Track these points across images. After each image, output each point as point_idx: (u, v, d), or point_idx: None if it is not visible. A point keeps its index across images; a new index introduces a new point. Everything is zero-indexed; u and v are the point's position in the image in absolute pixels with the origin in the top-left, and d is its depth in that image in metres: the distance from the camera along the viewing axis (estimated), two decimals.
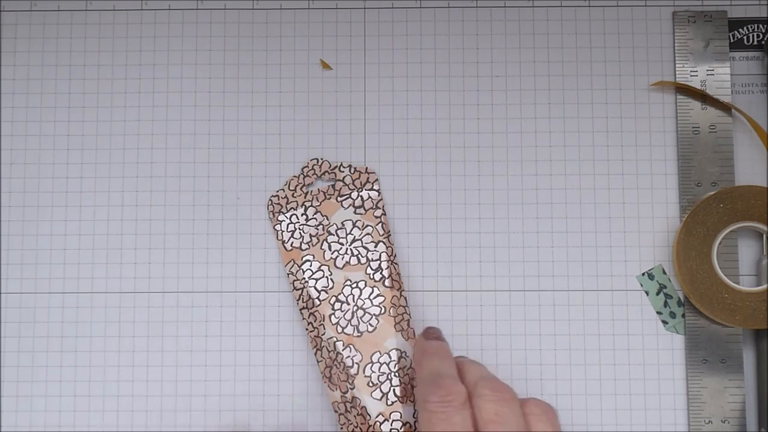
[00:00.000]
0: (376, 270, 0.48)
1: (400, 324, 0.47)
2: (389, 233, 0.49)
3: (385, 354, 0.46)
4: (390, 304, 0.47)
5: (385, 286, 0.48)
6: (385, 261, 0.48)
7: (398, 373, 0.46)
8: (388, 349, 0.46)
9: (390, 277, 0.48)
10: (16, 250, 0.50)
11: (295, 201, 0.50)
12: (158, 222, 0.51)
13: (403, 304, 0.48)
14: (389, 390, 0.46)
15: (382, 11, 0.52)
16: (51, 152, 0.51)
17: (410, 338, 0.47)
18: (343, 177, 0.50)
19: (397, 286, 0.48)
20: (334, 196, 0.50)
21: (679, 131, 0.50)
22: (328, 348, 0.47)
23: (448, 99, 0.51)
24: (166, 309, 0.50)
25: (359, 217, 0.49)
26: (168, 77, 0.52)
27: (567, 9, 0.52)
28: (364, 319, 0.47)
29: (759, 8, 0.52)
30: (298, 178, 0.50)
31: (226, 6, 0.52)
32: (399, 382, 0.46)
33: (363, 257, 0.49)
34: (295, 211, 0.50)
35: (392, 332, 0.47)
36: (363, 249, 0.49)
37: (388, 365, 0.46)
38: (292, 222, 0.50)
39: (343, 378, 0.46)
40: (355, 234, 0.49)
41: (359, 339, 0.47)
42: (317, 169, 0.50)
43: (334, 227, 0.49)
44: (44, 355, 0.50)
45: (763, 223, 0.48)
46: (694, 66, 0.51)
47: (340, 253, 0.49)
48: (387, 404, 0.45)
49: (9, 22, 0.52)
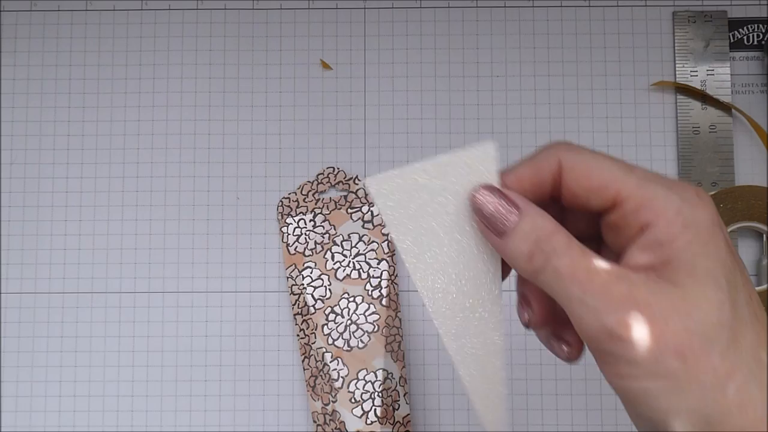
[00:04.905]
0: (375, 287, 0.48)
1: (391, 345, 0.47)
2: (394, 253, 0.49)
3: (371, 372, 0.46)
4: (384, 324, 0.47)
5: (382, 305, 0.47)
6: (385, 279, 0.48)
7: (382, 393, 0.45)
8: (375, 368, 0.46)
9: (388, 296, 0.47)
10: (16, 250, 0.50)
11: (306, 206, 0.50)
12: (158, 222, 0.51)
13: (397, 325, 0.48)
14: (371, 409, 0.45)
15: (382, 11, 0.52)
16: (51, 152, 0.51)
17: (399, 360, 0.47)
18: (357, 190, 0.50)
19: (394, 306, 0.48)
20: (344, 207, 0.50)
21: (679, 131, 0.50)
22: (316, 357, 0.47)
23: (448, 99, 0.51)
24: (166, 309, 0.50)
25: (366, 232, 0.49)
26: (168, 77, 0.52)
27: (567, 9, 0.52)
28: (357, 334, 0.47)
29: (759, 8, 0.52)
30: (311, 183, 0.50)
31: (226, 6, 0.52)
32: (381, 403, 0.45)
33: (364, 272, 0.48)
34: (303, 216, 0.50)
35: (382, 352, 0.46)
36: (365, 264, 0.48)
37: (372, 384, 0.45)
38: (299, 226, 0.50)
39: (326, 390, 0.46)
40: (360, 248, 0.49)
41: (348, 354, 0.46)
42: (332, 178, 0.50)
43: (340, 238, 0.49)
44: (44, 355, 0.50)
45: (763, 223, 0.48)
46: (694, 66, 0.51)
47: (342, 265, 0.48)
48: (366, 423, 0.45)
49: (9, 22, 0.52)
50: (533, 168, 0.26)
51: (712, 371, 0.22)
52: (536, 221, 0.25)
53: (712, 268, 0.23)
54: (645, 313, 0.22)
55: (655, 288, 0.23)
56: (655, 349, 0.22)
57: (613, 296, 0.23)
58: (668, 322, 0.22)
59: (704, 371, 0.22)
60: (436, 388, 0.49)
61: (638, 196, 0.24)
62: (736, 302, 0.23)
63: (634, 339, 0.22)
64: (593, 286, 0.23)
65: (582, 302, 0.23)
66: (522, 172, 0.26)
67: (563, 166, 0.25)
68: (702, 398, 0.21)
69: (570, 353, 0.28)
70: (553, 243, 0.24)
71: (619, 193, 0.24)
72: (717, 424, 0.21)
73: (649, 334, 0.22)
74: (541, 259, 0.24)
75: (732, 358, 0.22)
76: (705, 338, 0.22)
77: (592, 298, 0.23)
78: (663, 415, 0.22)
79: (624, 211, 0.24)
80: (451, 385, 0.49)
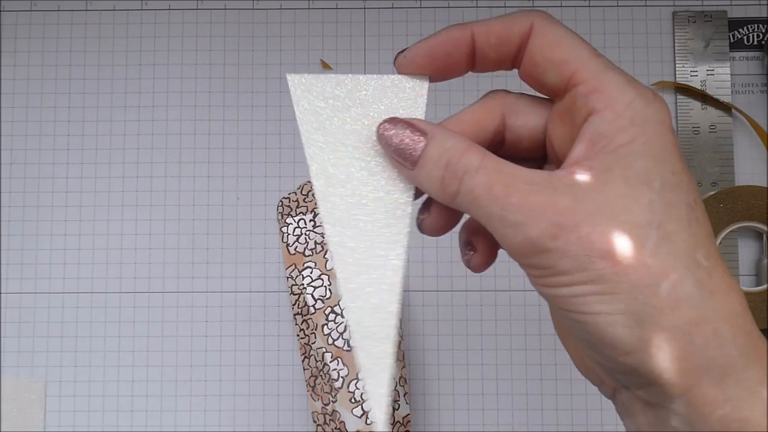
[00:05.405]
0: None
1: None
2: None
3: None
4: None
5: None
6: None
7: None
8: None
9: None
10: (16, 250, 0.50)
11: (306, 206, 0.50)
12: (158, 222, 0.51)
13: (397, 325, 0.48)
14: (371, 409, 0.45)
15: (382, 11, 0.52)
16: (51, 152, 0.51)
17: (399, 360, 0.47)
18: None
19: None
20: None
21: (679, 131, 0.50)
22: (316, 357, 0.47)
23: (449, 99, 0.51)
24: (166, 309, 0.50)
25: None
26: (168, 77, 0.52)
27: (567, 9, 0.52)
28: None
29: (759, 8, 0.52)
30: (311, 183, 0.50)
31: (226, 6, 0.52)
32: None
33: None
34: (303, 216, 0.50)
35: None
36: None
37: None
38: (299, 226, 0.49)
39: (326, 390, 0.46)
40: None
41: (348, 354, 0.46)
42: None
43: None
44: (44, 355, 0.50)
45: (763, 223, 0.48)
46: (694, 66, 0.51)
47: None
48: (366, 423, 0.45)
49: (9, 22, 0.52)
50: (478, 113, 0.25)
51: (645, 270, 0.21)
52: (445, 144, 0.23)
53: (648, 168, 0.22)
54: (568, 220, 0.21)
55: (581, 191, 0.22)
56: (582, 255, 0.21)
57: (534, 207, 0.22)
58: (594, 226, 0.21)
59: (635, 271, 0.21)
60: (436, 388, 0.49)
61: (594, 80, 0.23)
62: (671, 203, 0.22)
63: (560, 247, 0.21)
64: (511, 201, 0.22)
65: (502, 219, 0.22)
66: (464, 117, 0.25)
67: (534, 31, 0.24)
68: (633, 299, 0.21)
69: (471, 260, 0.27)
70: (465, 163, 0.23)
71: (577, 73, 0.23)
72: (649, 324, 0.21)
73: (574, 241, 0.21)
74: (454, 183, 0.23)
75: (665, 257, 0.21)
76: (634, 238, 0.21)
77: (512, 213, 0.22)
78: (595, 318, 0.21)
79: (576, 93, 0.23)
80: (451, 385, 0.49)
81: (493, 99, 0.26)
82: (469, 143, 0.23)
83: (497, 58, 0.25)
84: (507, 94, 0.26)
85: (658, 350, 0.21)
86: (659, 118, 0.22)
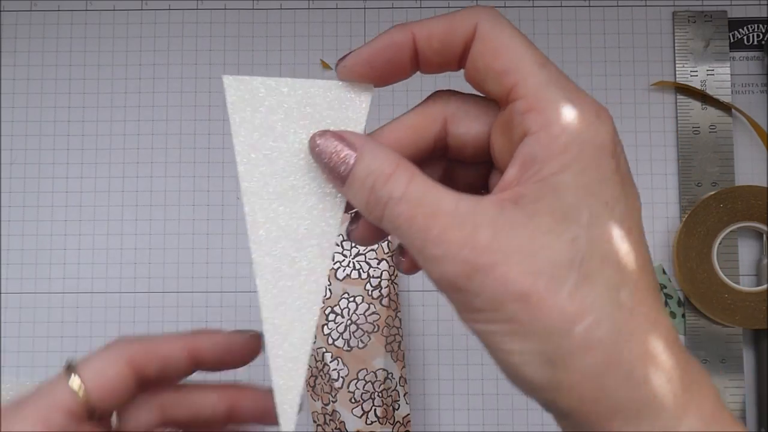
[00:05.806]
0: (375, 287, 0.47)
1: (390, 345, 0.47)
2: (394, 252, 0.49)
3: (371, 372, 0.46)
4: (384, 324, 0.47)
5: (382, 305, 0.47)
6: (385, 279, 0.48)
7: (382, 393, 0.45)
8: (375, 368, 0.46)
9: (388, 296, 0.47)
10: (16, 250, 0.50)
11: None
12: (158, 222, 0.51)
13: (397, 325, 0.48)
14: (371, 409, 0.45)
15: (382, 11, 0.52)
16: (51, 152, 0.51)
17: (399, 360, 0.47)
18: None
19: (394, 306, 0.48)
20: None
21: (679, 131, 0.50)
22: (316, 357, 0.47)
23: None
24: (166, 309, 0.50)
25: None
26: (168, 77, 0.52)
27: (567, 9, 0.52)
28: (357, 334, 0.47)
29: (759, 8, 0.52)
30: None
31: (226, 6, 0.52)
32: (381, 403, 0.45)
33: (364, 272, 0.48)
34: None
35: (382, 351, 0.46)
36: (365, 264, 0.48)
37: (372, 384, 0.45)
38: None
39: (326, 390, 0.46)
40: (359, 248, 0.49)
41: (348, 354, 0.46)
42: None
43: (340, 237, 0.49)
44: (44, 355, 0.50)
45: (763, 223, 0.48)
46: (694, 66, 0.51)
47: (342, 265, 0.48)
48: (366, 423, 0.45)
49: (9, 22, 0.52)
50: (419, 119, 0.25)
51: (559, 313, 0.20)
52: (372, 165, 0.22)
53: (578, 201, 0.21)
54: (485, 259, 0.20)
55: (504, 225, 0.21)
56: (496, 296, 0.20)
57: (452, 244, 0.21)
58: (511, 265, 0.20)
59: (549, 314, 0.20)
60: (436, 388, 0.49)
61: (533, 97, 0.21)
62: (597, 238, 0.21)
63: (474, 288, 0.21)
64: (431, 235, 0.21)
65: (422, 252, 0.21)
66: (404, 122, 0.24)
67: (477, 34, 0.22)
68: (546, 340, 0.20)
69: (401, 264, 0.26)
70: (389, 189, 0.22)
71: (516, 87, 0.21)
72: (561, 366, 0.20)
73: (489, 282, 0.20)
74: (378, 209, 0.22)
75: (582, 299, 0.20)
76: (551, 279, 0.20)
77: (431, 247, 0.21)
78: (508, 356, 0.21)
79: (514, 109, 0.22)
80: (451, 385, 0.49)
81: (434, 104, 0.25)
82: (396, 163, 0.22)
83: (441, 62, 0.24)
84: (451, 97, 0.25)
85: (570, 391, 0.20)
86: (598, 142, 0.21)
